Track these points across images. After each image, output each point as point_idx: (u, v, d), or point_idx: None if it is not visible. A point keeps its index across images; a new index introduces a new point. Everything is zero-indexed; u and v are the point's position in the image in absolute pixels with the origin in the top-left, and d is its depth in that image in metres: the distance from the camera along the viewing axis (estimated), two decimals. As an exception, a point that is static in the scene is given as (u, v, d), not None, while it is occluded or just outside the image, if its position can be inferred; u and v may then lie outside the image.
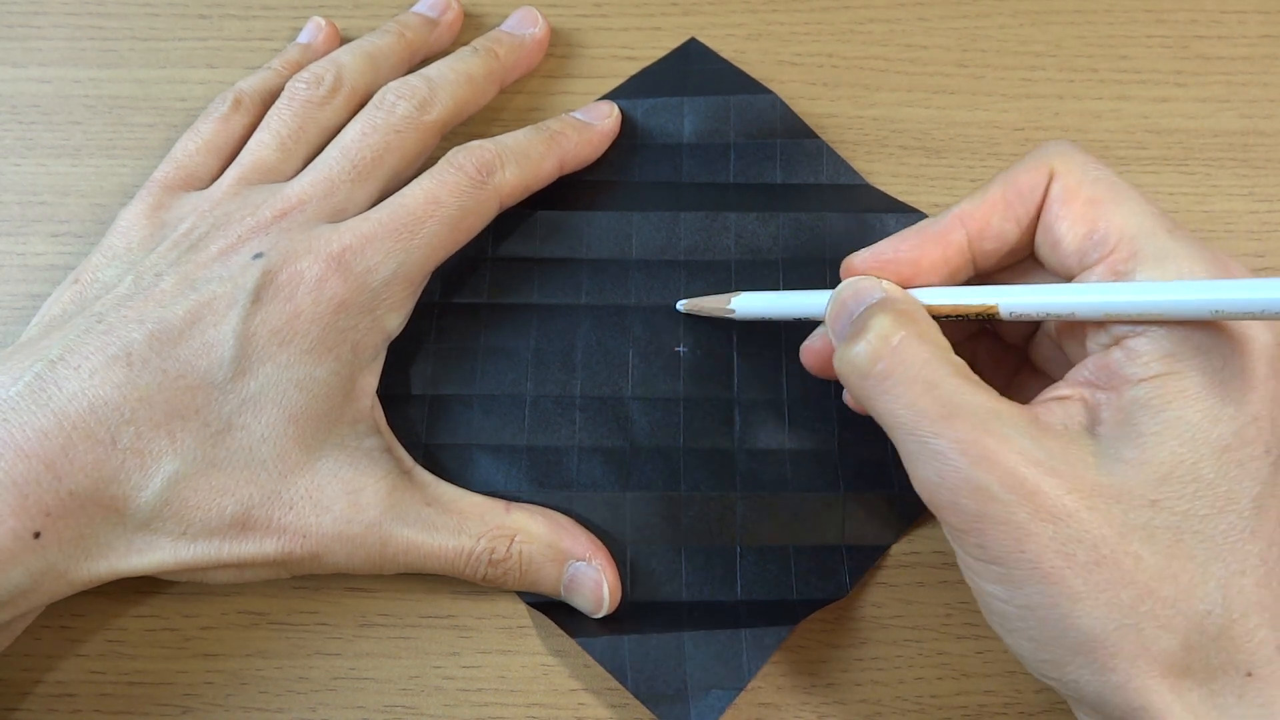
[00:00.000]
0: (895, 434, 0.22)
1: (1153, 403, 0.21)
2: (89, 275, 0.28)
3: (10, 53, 0.35)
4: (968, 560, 0.22)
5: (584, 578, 0.27)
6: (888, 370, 0.22)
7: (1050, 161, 0.24)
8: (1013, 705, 0.28)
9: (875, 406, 0.22)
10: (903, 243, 0.24)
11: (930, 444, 0.21)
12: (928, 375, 0.21)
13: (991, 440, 0.20)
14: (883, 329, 0.22)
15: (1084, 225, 0.23)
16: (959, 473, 0.20)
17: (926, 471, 0.21)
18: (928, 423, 0.21)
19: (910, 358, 0.22)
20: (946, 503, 0.21)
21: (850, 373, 0.23)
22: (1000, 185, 0.24)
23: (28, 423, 0.24)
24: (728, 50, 0.35)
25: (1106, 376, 0.22)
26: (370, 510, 0.26)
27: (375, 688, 0.28)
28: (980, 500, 0.20)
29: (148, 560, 0.25)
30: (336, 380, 0.27)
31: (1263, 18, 0.35)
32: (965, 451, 0.20)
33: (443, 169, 0.29)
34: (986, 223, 0.24)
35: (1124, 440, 0.21)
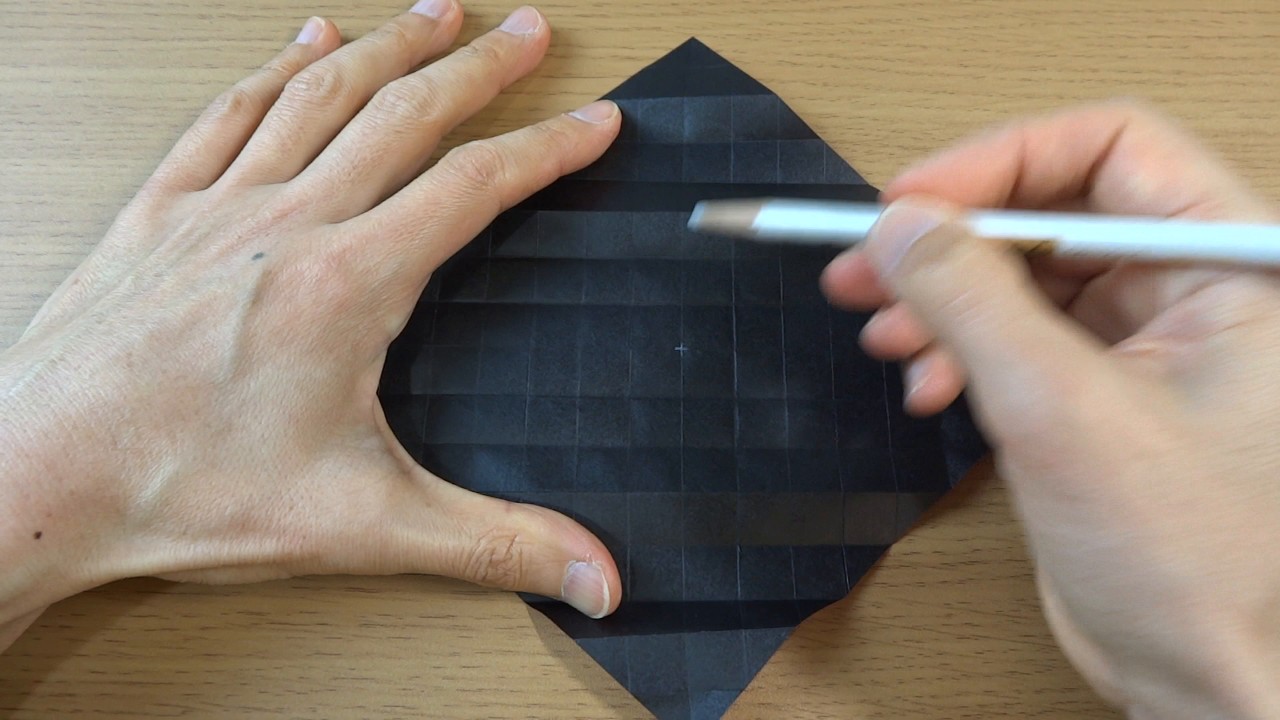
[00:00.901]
0: (976, 363, 0.21)
1: (1241, 349, 0.20)
2: (89, 276, 0.28)
3: (10, 53, 0.35)
4: (1039, 501, 0.21)
5: (584, 578, 0.27)
6: (974, 297, 0.20)
7: (1126, 110, 0.23)
8: (1013, 705, 0.28)
9: (957, 333, 0.21)
10: (959, 156, 0.23)
11: (1018, 372, 0.20)
12: (1013, 304, 0.20)
13: (1080, 372, 0.19)
14: (968, 255, 0.21)
15: (1163, 176, 0.22)
16: (1046, 402, 0.19)
17: (1008, 401, 0.20)
18: (1016, 350, 0.20)
19: (996, 285, 0.21)
20: (1028, 435, 0.20)
21: (927, 300, 0.21)
22: (1069, 115, 0.23)
23: (28, 423, 0.24)
24: (728, 50, 0.35)
25: (1187, 327, 0.21)
26: (370, 511, 0.26)
27: (375, 688, 0.28)
28: (1067, 432, 0.19)
29: (148, 560, 0.25)
30: (337, 380, 0.27)
31: (1263, 18, 0.35)
32: (1055, 381, 0.19)
33: (442, 170, 0.29)
34: (1042, 148, 0.23)
35: (1213, 385, 0.20)
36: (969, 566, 0.29)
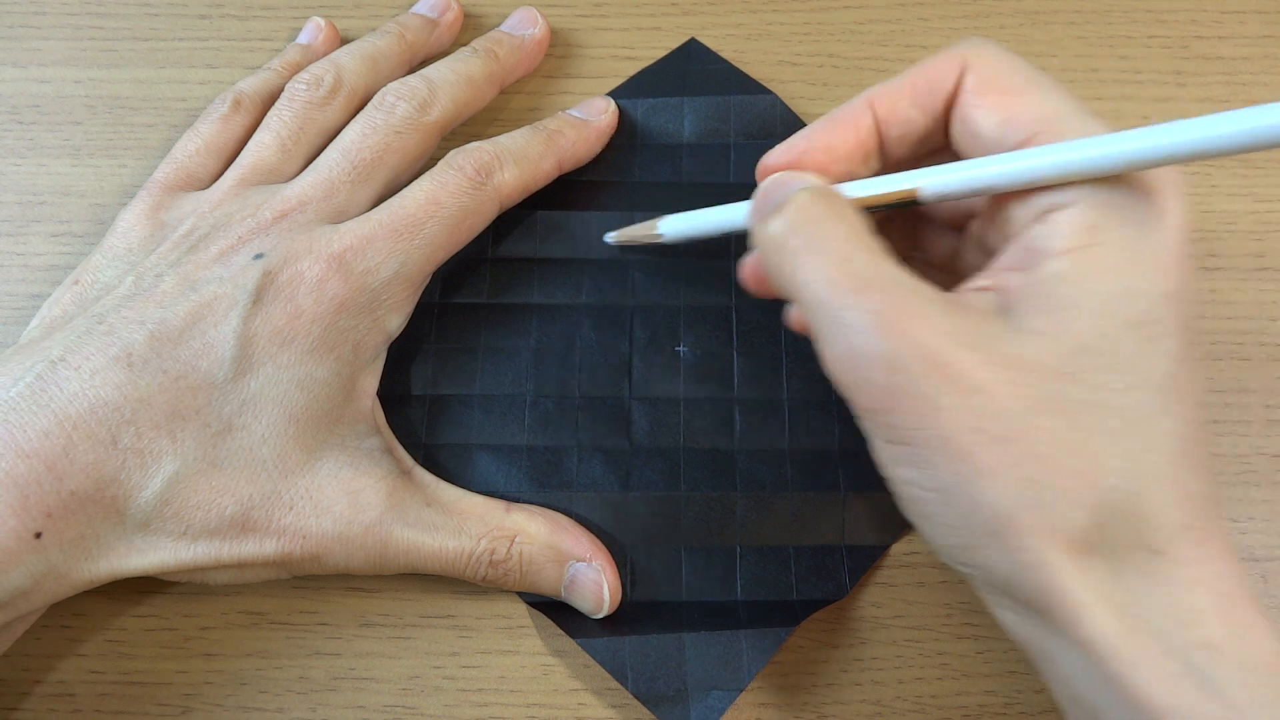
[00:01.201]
0: (809, 309, 0.21)
1: (1070, 275, 0.20)
2: (89, 276, 0.28)
3: (10, 53, 0.35)
4: (881, 447, 0.21)
5: (584, 578, 0.27)
6: (804, 243, 0.21)
7: (963, 53, 0.23)
8: (1013, 705, 0.28)
9: (790, 281, 0.22)
10: (814, 131, 0.24)
11: (843, 315, 0.20)
12: (844, 249, 0.21)
13: (904, 311, 0.20)
14: (800, 202, 0.22)
15: (1002, 111, 0.22)
16: (870, 344, 0.20)
17: (839, 345, 0.21)
18: (840, 294, 0.20)
19: (826, 231, 0.21)
20: (858, 379, 0.20)
21: (767, 248, 0.22)
22: (913, 71, 0.24)
23: (29, 423, 0.24)
24: (728, 50, 0.35)
25: (1026, 257, 0.21)
26: (370, 511, 0.26)
27: (375, 688, 0.28)
28: (889, 373, 0.20)
29: (148, 560, 0.25)
30: (337, 381, 0.27)
31: (1263, 18, 0.35)
32: (877, 322, 0.20)
33: (442, 170, 0.29)
34: (894, 108, 0.24)
35: (1039, 313, 0.20)
36: (969, 566, 0.29)
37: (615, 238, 0.31)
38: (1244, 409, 0.31)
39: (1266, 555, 0.29)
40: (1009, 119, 0.22)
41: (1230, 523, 0.30)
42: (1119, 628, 0.19)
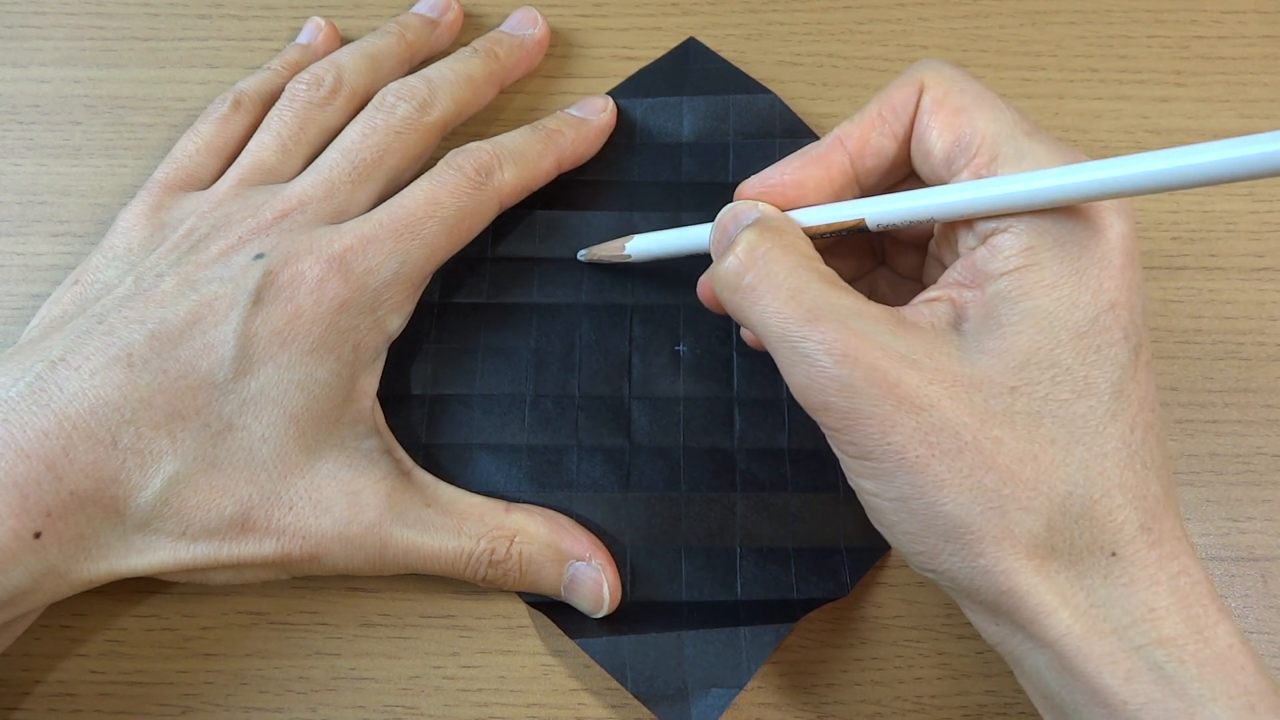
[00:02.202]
0: (767, 342, 0.22)
1: (1012, 294, 0.21)
2: (89, 276, 0.28)
3: (10, 53, 0.35)
4: (845, 460, 0.22)
5: (584, 578, 0.27)
6: (755, 281, 0.22)
7: (920, 75, 0.24)
8: (1013, 705, 0.28)
9: (747, 318, 0.23)
10: (787, 167, 0.25)
11: (799, 347, 0.21)
12: (793, 283, 0.22)
13: (854, 338, 0.21)
14: (749, 241, 0.23)
15: (951, 133, 0.23)
16: (825, 371, 0.21)
17: (798, 375, 0.22)
18: (794, 326, 0.21)
19: (775, 267, 0.22)
20: (819, 403, 0.21)
21: (723, 288, 0.23)
22: (875, 103, 0.25)
23: (29, 423, 0.24)
24: (727, 50, 0.35)
25: (972, 275, 0.22)
26: (370, 511, 0.26)
27: (375, 688, 0.28)
28: (847, 396, 0.21)
29: (147, 560, 0.25)
30: (337, 381, 0.27)
31: (1263, 18, 0.35)
32: (830, 351, 0.21)
33: (442, 171, 0.29)
34: (865, 141, 0.25)
35: (985, 332, 0.21)
36: (969, 566, 0.29)
37: (586, 255, 0.31)
38: (1244, 409, 0.31)
39: (1266, 555, 0.29)
40: (957, 139, 0.23)
41: (1230, 522, 0.30)
42: (1080, 628, 0.20)
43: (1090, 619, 0.20)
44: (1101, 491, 0.21)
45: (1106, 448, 0.21)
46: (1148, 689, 0.20)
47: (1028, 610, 0.20)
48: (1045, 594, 0.20)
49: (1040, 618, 0.20)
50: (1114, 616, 0.20)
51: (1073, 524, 0.21)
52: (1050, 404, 0.21)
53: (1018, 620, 0.21)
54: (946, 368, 0.21)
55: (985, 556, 0.21)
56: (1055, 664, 0.21)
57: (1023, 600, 0.20)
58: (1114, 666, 0.20)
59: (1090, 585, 0.21)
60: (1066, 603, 0.20)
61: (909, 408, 0.21)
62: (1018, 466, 0.20)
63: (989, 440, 0.20)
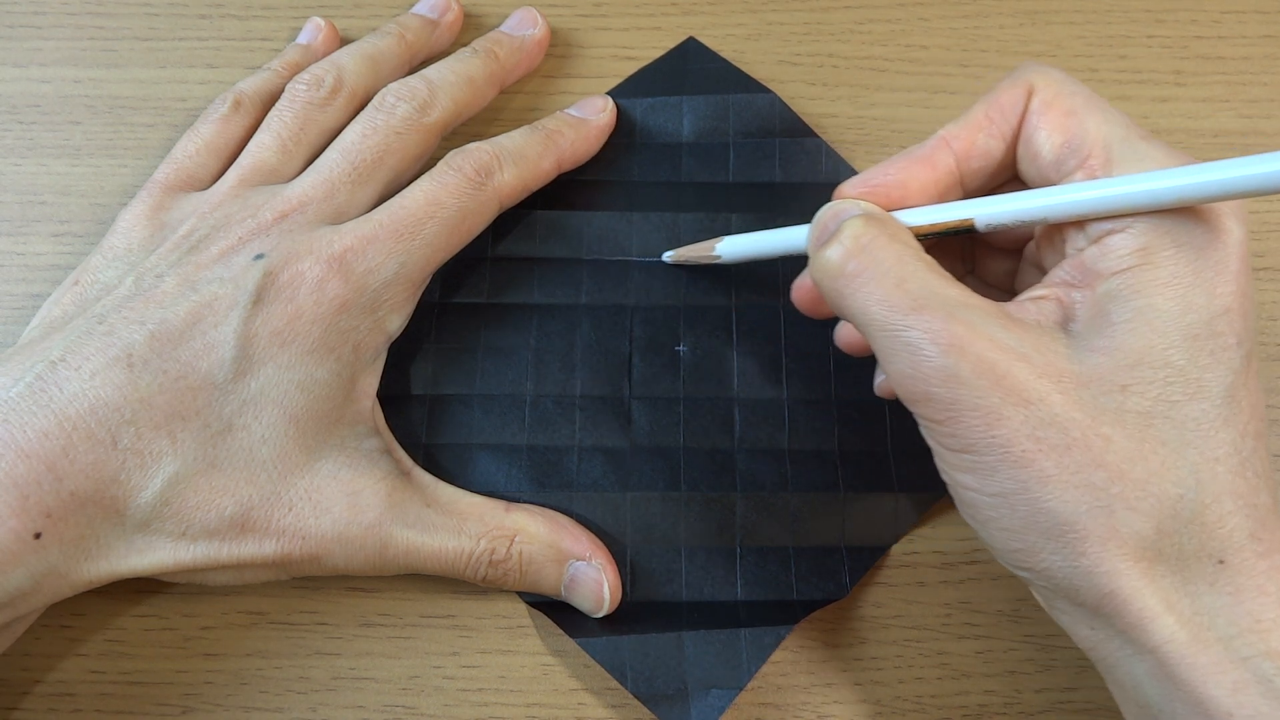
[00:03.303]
0: (868, 331, 0.22)
1: (1124, 293, 0.21)
2: (89, 276, 0.28)
3: (10, 53, 0.35)
4: (942, 453, 0.22)
5: (584, 577, 0.27)
6: (859, 268, 0.22)
7: (1029, 78, 0.24)
8: (1013, 705, 0.28)
9: (848, 305, 0.22)
10: (890, 167, 0.25)
11: (902, 336, 0.21)
12: (898, 271, 0.22)
13: (961, 328, 0.21)
14: (855, 229, 0.23)
15: (1061, 134, 0.23)
16: (930, 361, 0.21)
17: (900, 364, 0.21)
18: (899, 315, 0.21)
19: (881, 255, 0.22)
20: (920, 394, 0.21)
21: (823, 276, 0.23)
22: (983, 104, 0.24)
23: (29, 424, 0.24)
24: (728, 50, 0.35)
25: (1081, 274, 0.22)
26: (369, 512, 0.26)
27: (375, 688, 0.28)
28: (951, 387, 0.20)
29: (148, 561, 0.25)
30: (337, 381, 0.27)
31: (1263, 18, 0.35)
32: (936, 340, 0.21)
33: (442, 171, 0.29)
34: (972, 142, 0.24)
35: (1096, 331, 0.21)
36: (969, 566, 0.29)
37: (673, 257, 0.31)
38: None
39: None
40: (1067, 141, 0.23)
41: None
42: (1185, 635, 0.20)
43: (1195, 627, 0.20)
44: (1212, 497, 0.20)
45: (1219, 452, 0.20)
46: (1255, 701, 0.19)
47: (1130, 614, 0.20)
48: (1149, 598, 0.20)
49: (1143, 623, 0.20)
50: (1219, 626, 0.20)
51: (1182, 528, 0.20)
52: (1162, 404, 0.20)
53: (1118, 624, 0.20)
54: (1055, 364, 0.21)
55: (1089, 556, 0.20)
56: (1156, 672, 0.20)
57: (1126, 604, 0.20)
58: (1220, 677, 0.19)
59: (1196, 592, 0.20)
60: (1171, 609, 0.20)
61: (1017, 400, 0.20)
62: (1127, 466, 0.20)
63: (1099, 438, 0.20)
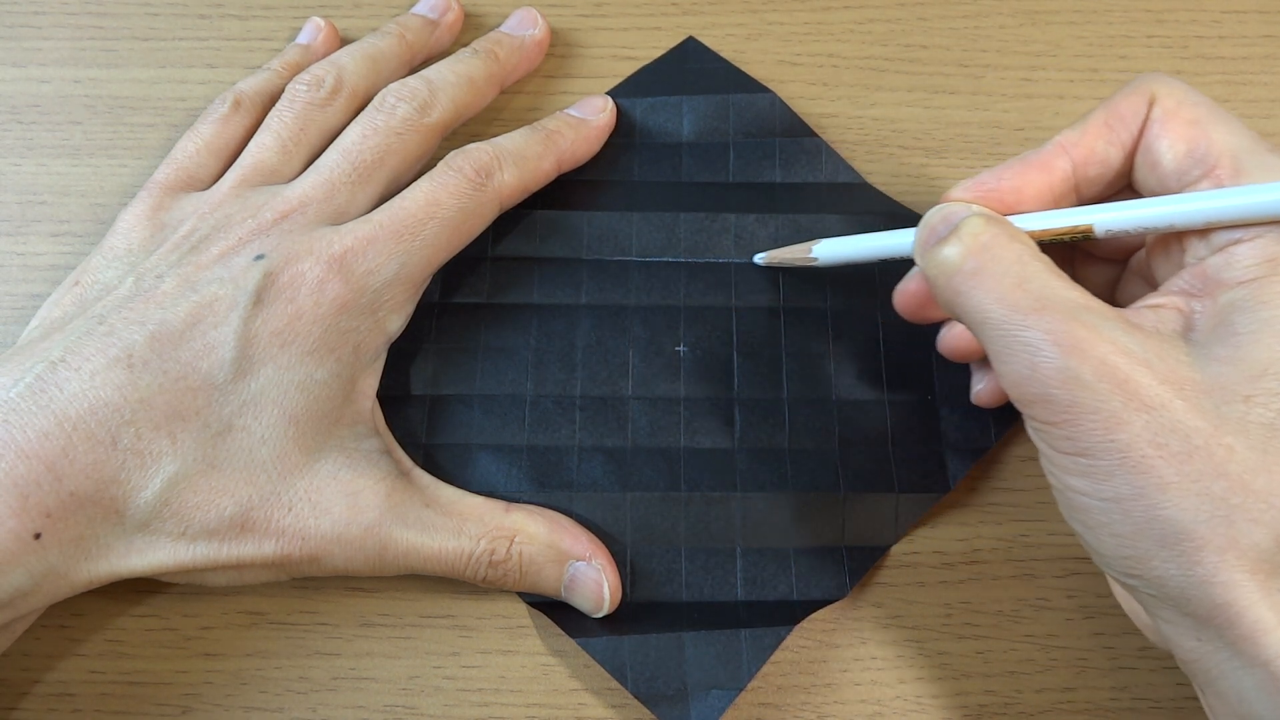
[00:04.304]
0: (984, 330, 0.22)
1: (1250, 303, 0.21)
2: (89, 277, 0.28)
3: (10, 53, 0.35)
4: (1053, 456, 0.22)
5: (584, 578, 0.27)
6: (979, 266, 0.22)
7: (1151, 87, 0.24)
8: (1013, 705, 0.28)
9: (965, 304, 0.22)
10: (1005, 171, 0.24)
11: (1021, 336, 0.21)
12: (1019, 270, 0.22)
13: (1083, 330, 0.20)
14: (974, 227, 0.22)
15: (1185, 143, 0.23)
16: (1051, 362, 0.20)
17: (1018, 365, 0.21)
18: (1019, 315, 0.21)
19: (1001, 254, 0.22)
20: (1038, 395, 0.21)
21: (940, 274, 0.23)
22: (1102, 111, 0.24)
23: (28, 424, 0.24)
24: (728, 50, 0.35)
25: (1202, 284, 0.22)
26: (369, 512, 0.26)
27: (375, 688, 0.28)
28: (1072, 389, 0.20)
29: (147, 561, 0.25)
30: (337, 382, 0.27)
31: (1263, 18, 0.35)
32: (1057, 341, 0.20)
33: (442, 172, 0.29)
34: (1091, 149, 0.24)
35: (1218, 340, 0.21)
36: (969, 566, 0.29)
37: (765, 259, 0.31)
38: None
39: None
40: (1191, 151, 0.23)
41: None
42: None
43: None
44: None
45: None
46: None
47: (1243, 626, 0.19)
48: (1264, 611, 0.19)
49: (1256, 635, 0.19)
50: None
51: None
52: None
53: (1229, 636, 0.20)
54: (1178, 371, 0.20)
55: (1205, 566, 0.20)
56: (1267, 685, 0.20)
57: (1240, 615, 0.19)
58: None
59: None
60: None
61: (1139, 405, 0.20)
62: (1250, 476, 0.20)
63: (1221, 447, 0.20)
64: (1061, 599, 0.29)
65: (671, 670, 0.27)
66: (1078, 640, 0.28)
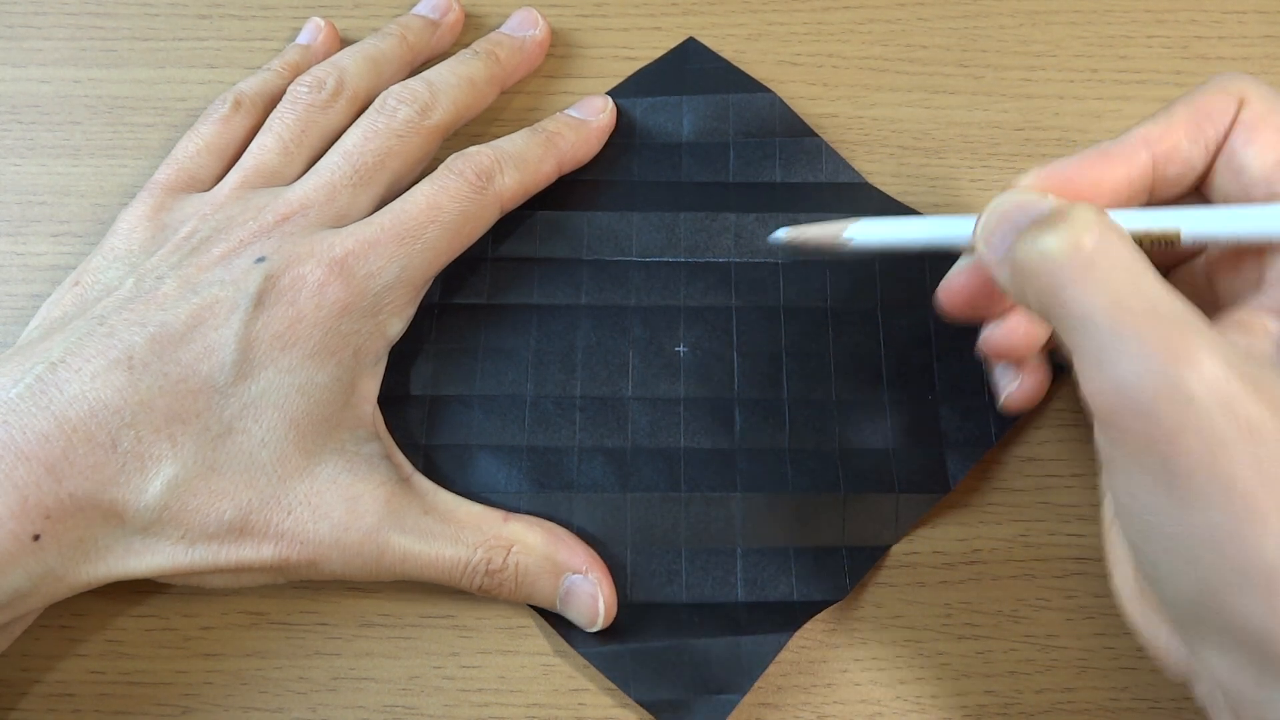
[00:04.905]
0: (1084, 331, 0.20)
1: None
2: (90, 277, 0.28)
3: (10, 53, 0.35)
4: (1135, 477, 0.20)
5: (580, 591, 0.27)
6: (1090, 260, 0.20)
7: (1240, 87, 0.22)
8: (1013, 705, 0.28)
9: (1066, 299, 0.20)
10: (1083, 161, 0.23)
11: (1128, 343, 0.19)
12: (1132, 272, 0.20)
13: (1198, 343, 0.19)
14: (1086, 218, 0.20)
15: (1275, 152, 0.22)
16: (1157, 375, 0.19)
17: (1123, 371, 0.19)
18: (1131, 318, 0.19)
19: (1115, 251, 0.20)
20: (1135, 409, 0.19)
21: (1040, 263, 0.20)
22: (1186, 107, 0.23)
23: (28, 425, 0.24)
24: (728, 50, 0.35)
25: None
26: (368, 517, 0.26)
27: (375, 688, 0.28)
28: (1178, 407, 0.19)
29: (146, 564, 0.25)
30: (338, 385, 0.27)
31: (1263, 18, 0.35)
32: (1171, 352, 0.19)
33: (443, 175, 0.29)
34: (1175, 145, 0.23)
35: None
36: (969, 566, 0.29)
37: (788, 235, 0.26)
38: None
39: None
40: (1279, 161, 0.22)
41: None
42: None
43: None
44: None
45: None
46: None
47: None
48: None
49: None
50: None
51: None
52: None
53: None
54: None
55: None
56: None
57: None
58: None
59: None
60: None
61: (1249, 432, 0.18)
62: None
63: None
64: (1061, 599, 0.29)
65: (674, 678, 0.27)
66: (1078, 640, 0.28)
